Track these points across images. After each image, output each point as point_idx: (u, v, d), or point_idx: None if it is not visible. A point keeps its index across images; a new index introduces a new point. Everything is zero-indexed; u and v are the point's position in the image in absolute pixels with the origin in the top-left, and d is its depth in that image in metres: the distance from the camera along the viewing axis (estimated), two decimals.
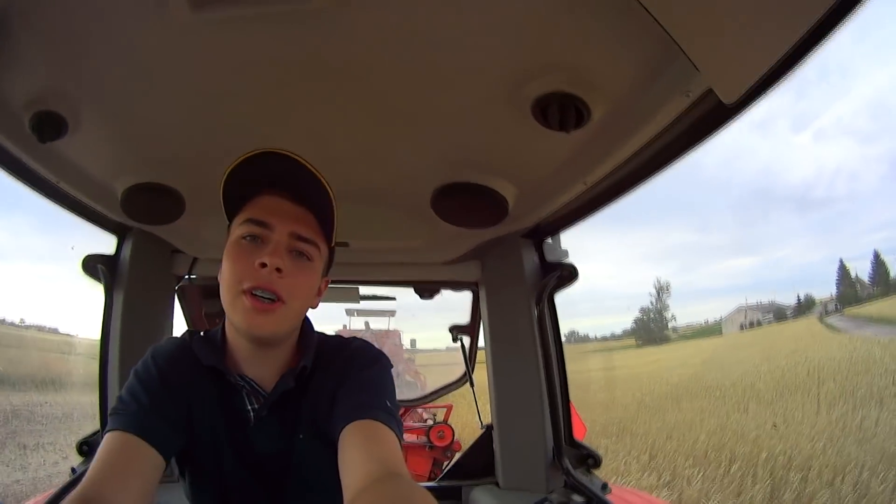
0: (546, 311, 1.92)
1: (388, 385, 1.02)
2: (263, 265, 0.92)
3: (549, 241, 1.97)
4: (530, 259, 1.95)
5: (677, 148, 1.15)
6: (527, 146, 1.35)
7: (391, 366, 1.08)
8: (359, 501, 0.73)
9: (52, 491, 1.64)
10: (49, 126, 1.26)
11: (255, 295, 0.92)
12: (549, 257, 1.95)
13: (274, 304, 0.92)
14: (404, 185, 1.66)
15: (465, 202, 1.63)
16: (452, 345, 2.81)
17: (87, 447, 1.87)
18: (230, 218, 1.02)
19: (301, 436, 1.00)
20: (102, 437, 0.93)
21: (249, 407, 1.02)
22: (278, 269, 0.92)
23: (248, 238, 0.96)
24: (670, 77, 0.99)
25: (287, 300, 0.94)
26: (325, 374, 1.02)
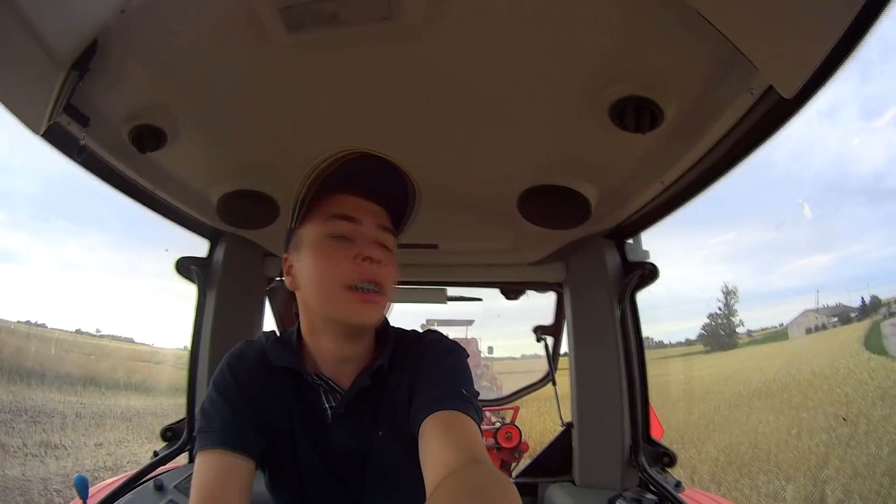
0: (628, 310, 1.94)
1: (464, 373, 1.02)
2: (364, 259, 0.95)
3: (631, 241, 1.99)
4: (613, 259, 1.97)
5: (746, 144, 1.17)
6: (606, 149, 1.39)
7: (467, 355, 1.08)
8: (441, 490, 0.73)
9: (133, 471, 1.74)
10: (149, 138, 1.36)
11: (360, 289, 0.94)
12: (631, 257, 1.97)
13: (377, 294, 0.96)
14: (492, 189, 1.71)
15: (550, 204, 1.67)
16: (527, 353, 2.83)
17: (170, 433, 2.02)
18: (300, 218, 1.04)
19: (380, 433, 1.01)
20: (194, 450, 1.00)
21: (327, 405, 1.03)
22: (378, 261, 0.96)
23: (336, 235, 0.98)
24: (733, 77, 1.02)
25: (387, 289, 0.98)
26: (402, 370, 1.03)
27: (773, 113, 1.03)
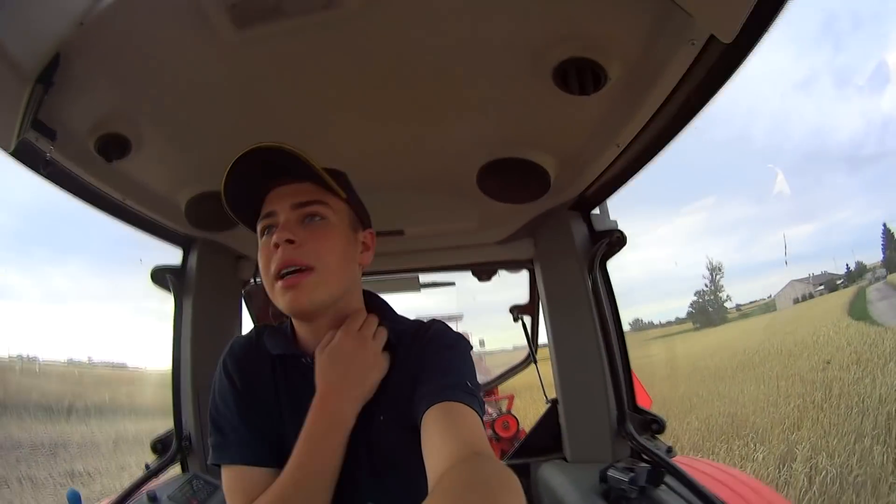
0: (599, 279, 1.94)
1: (468, 366, 1.01)
2: (276, 245, 0.95)
3: (598, 212, 1.99)
4: (580, 230, 1.97)
5: (698, 99, 1.17)
6: (558, 116, 1.40)
7: (471, 347, 1.07)
8: (443, 482, 0.72)
9: (127, 486, 1.73)
10: (114, 147, 1.38)
11: (283, 275, 0.95)
12: (599, 227, 1.97)
13: (301, 274, 0.95)
14: (449, 169, 1.72)
15: (509, 178, 1.69)
16: (519, 344, 2.84)
17: (160, 445, 2.00)
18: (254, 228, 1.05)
19: (382, 417, 1.00)
20: (209, 461, 0.98)
21: None
22: (290, 241, 0.95)
23: (265, 232, 1.00)
24: (672, 29, 1.03)
25: (315, 265, 0.96)
26: (406, 358, 1.02)
27: (719, 63, 1.04)
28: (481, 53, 1.19)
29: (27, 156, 1.27)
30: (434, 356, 1.00)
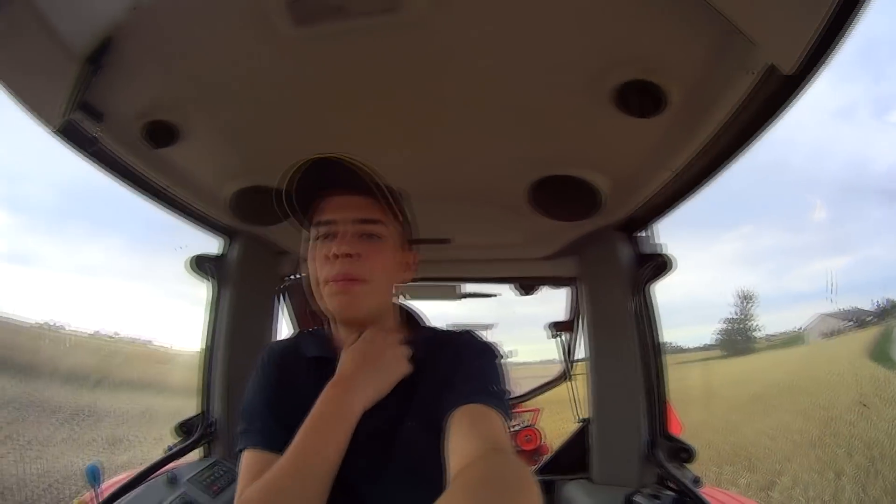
0: (643, 303, 1.91)
1: (496, 372, 1.04)
2: (335, 256, 0.98)
3: (645, 234, 1.96)
4: (626, 252, 1.95)
5: (754, 128, 1.16)
6: (613, 137, 1.40)
7: (500, 356, 1.09)
8: (460, 477, 0.74)
9: (143, 466, 1.74)
10: (162, 134, 1.40)
11: (334, 282, 0.98)
12: (646, 250, 1.94)
13: (354, 281, 0.98)
14: (500, 182, 1.72)
15: (560, 195, 1.68)
16: (546, 358, 2.82)
17: (185, 428, 2.00)
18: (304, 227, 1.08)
19: (410, 423, 1.02)
20: (234, 448, 1.01)
21: None
22: (349, 255, 0.98)
23: (320, 238, 1.03)
24: (734, 56, 1.02)
25: (368, 279, 0.99)
26: (436, 366, 1.04)
27: (777, 94, 1.03)
28: (540, 71, 1.19)
29: (73, 135, 1.29)
30: (462, 363, 1.02)
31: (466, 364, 1.02)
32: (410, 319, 1.15)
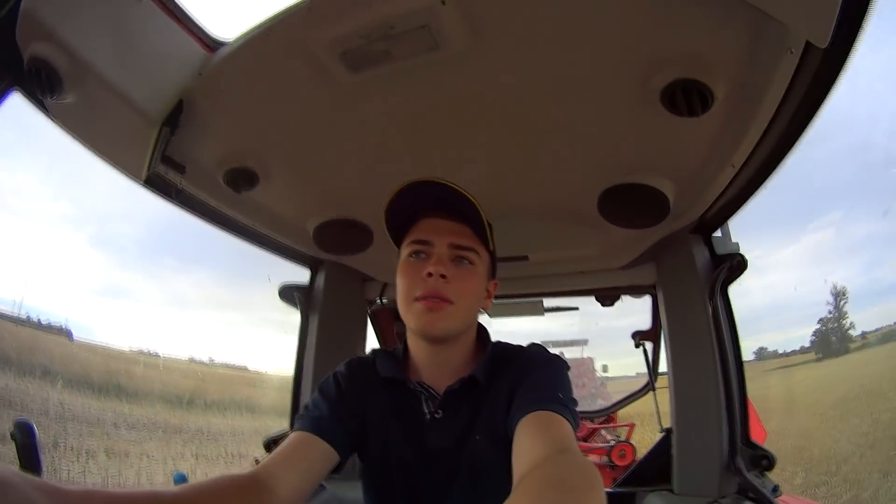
0: (720, 305, 1.87)
1: (561, 380, 1.05)
2: (430, 274, 1.03)
3: (719, 234, 1.94)
4: (701, 254, 1.92)
5: (807, 108, 1.15)
6: (670, 139, 1.41)
7: (567, 366, 1.11)
8: (525, 481, 0.73)
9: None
10: (242, 179, 1.54)
11: (425, 299, 1.03)
12: (721, 251, 1.91)
13: (443, 303, 1.03)
14: (570, 196, 1.75)
15: (628, 203, 1.69)
16: (642, 371, 2.79)
17: (274, 445, 2.06)
18: (398, 243, 1.15)
19: (478, 437, 1.06)
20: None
21: (427, 411, 1.10)
22: (443, 276, 1.03)
23: (414, 256, 1.09)
24: (770, 41, 1.03)
25: (455, 301, 1.04)
26: (503, 379, 1.07)
27: (821, 69, 1.03)
28: (588, 82, 1.24)
29: (158, 185, 1.44)
30: (528, 374, 1.05)
31: (532, 375, 1.04)
32: (480, 335, 1.18)
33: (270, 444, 2.12)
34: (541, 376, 1.04)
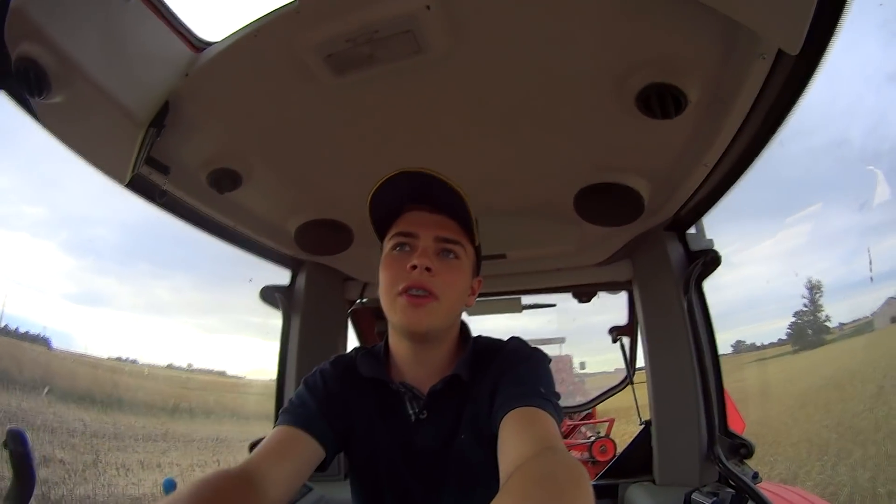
0: (695, 300, 1.91)
1: (543, 374, 1.04)
2: (414, 267, 1.00)
3: (694, 231, 1.98)
4: (676, 251, 1.96)
5: (778, 112, 1.18)
6: (645, 140, 1.44)
7: (547, 359, 1.10)
8: (512, 480, 0.72)
9: None
10: (226, 180, 1.54)
11: (410, 294, 1.00)
12: (695, 247, 1.95)
13: (427, 298, 1.00)
14: (547, 194, 1.77)
15: (604, 201, 1.72)
16: (620, 366, 2.82)
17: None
18: (381, 237, 1.12)
19: (463, 436, 1.05)
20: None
21: (411, 412, 1.09)
22: (428, 269, 1.00)
23: (398, 248, 1.05)
24: (742, 47, 1.06)
25: (440, 296, 1.01)
26: (485, 376, 1.05)
27: (793, 75, 1.05)
28: (565, 84, 1.26)
29: (142, 188, 1.43)
30: (510, 369, 1.03)
31: (513, 370, 1.03)
32: (462, 332, 1.17)
33: (254, 448, 2.10)
34: (522, 371, 1.03)
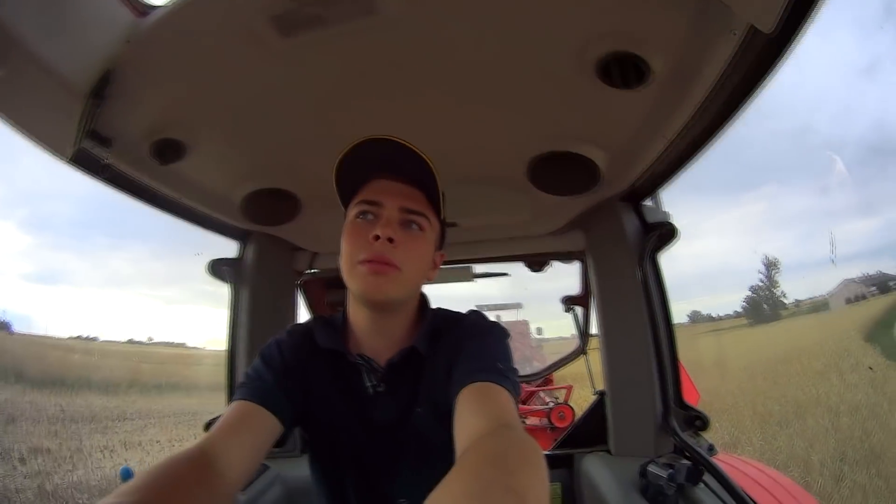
0: (650, 272, 1.92)
1: (500, 349, 1.04)
2: (377, 237, 0.98)
3: (650, 203, 1.97)
4: (631, 222, 1.95)
5: (744, 90, 1.16)
6: (603, 110, 1.41)
7: (506, 334, 1.10)
8: (464, 457, 0.72)
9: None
10: (169, 151, 1.48)
11: (370, 262, 0.98)
12: (651, 219, 1.94)
13: (389, 266, 0.98)
14: (501, 162, 1.75)
15: (558, 170, 1.70)
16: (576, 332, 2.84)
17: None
18: (345, 205, 1.09)
19: (419, 409, 1.05)
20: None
21: (368, 384, 1.08)
22: (390, 240, 0.98)
23: (361, 216, 1.03)
24: (713, 21, 1.03)
25: (402, 267, 0.99)
26: (442, 349, 1.05)
27: (763, 54, 1.03)
28: (523, 50, 1.22)
29: (84, 162, 1.36)
30: (468, 343, 1.03)
31: (471, 343, 1.02)
32: (421, 303, 1.15)
33: (210, 426, 2.05)
34: (480, 346, 1.03)
